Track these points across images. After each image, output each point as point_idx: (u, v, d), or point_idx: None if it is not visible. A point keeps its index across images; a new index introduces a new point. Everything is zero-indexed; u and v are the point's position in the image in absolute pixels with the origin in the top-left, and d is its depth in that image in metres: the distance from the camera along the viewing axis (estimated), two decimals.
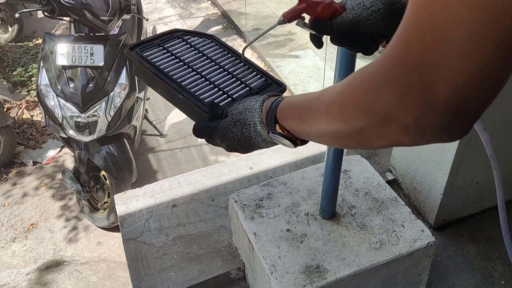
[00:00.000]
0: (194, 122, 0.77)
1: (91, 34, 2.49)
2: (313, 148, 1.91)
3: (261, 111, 0.66)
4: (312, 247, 1.21)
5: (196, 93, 0.78)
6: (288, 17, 0.77)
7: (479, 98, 0.37)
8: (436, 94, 0.36)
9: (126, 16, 2.64)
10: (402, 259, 1.20)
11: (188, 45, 0.89)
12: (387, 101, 0.40)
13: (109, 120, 2.47)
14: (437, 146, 1.47)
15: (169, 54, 0.85)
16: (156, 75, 0.79)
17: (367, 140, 0.47)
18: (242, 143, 0.69)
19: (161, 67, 0.81)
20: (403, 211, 1.30)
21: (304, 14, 0.77)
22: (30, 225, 2.93)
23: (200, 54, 0.88)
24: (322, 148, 1.88)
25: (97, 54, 2.42)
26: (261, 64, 4.42)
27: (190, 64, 0.84)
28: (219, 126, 0.71)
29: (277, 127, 0.63)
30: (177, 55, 0.86)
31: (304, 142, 0.64)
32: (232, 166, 1.87)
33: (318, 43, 0.79)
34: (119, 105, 2.49)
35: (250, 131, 0.67)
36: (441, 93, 0.36)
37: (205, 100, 0.77)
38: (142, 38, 3.10)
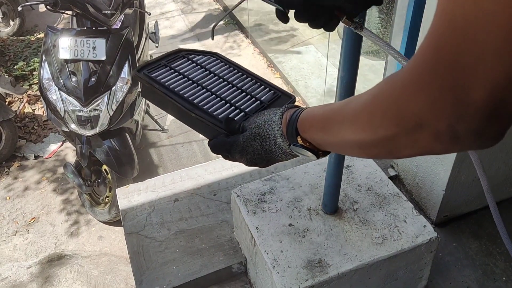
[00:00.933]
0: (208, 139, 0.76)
1: (94, 28, 2.48)
2: None
3: (281, 123, 0.65)
4: (314, 242, 1.22)
5: (208, 110, 0.78)
6: None
7: None
8: (471, 97, 0.35)
9: (128, 11, 2.63)
10: (404, 255, 1.20)
11: (194, 64, 0.90)
12: (419, 107, 0.39)
13: (111, 115, 2.47)
14: None
15: (177, 73, 0.85)
16: (166, 95, 0.78)
17: (396, 149, 0.46)
18: (262, 157, 0.68)
19: (170, 86, 0.81)
20: (405, 207, 1.30)
21: None
22: (32, 218, 2.93)
23: (207, 72, 0.88)
24: None
25: (99, 48, 2.41)
26: (262, 60, 4.41)
27: (199, 82, 0.84)
28: (238, 141, 0.70)
29: (299, 139, 0.62)
30: (185, 74, 0.86)
31: (326, 153, 0.64)
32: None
33: (284, 18, 0.78)
34: (121, 99, 2.49)
35: (270, 144, 0.66)
36: (476, 96, 0.35)
37: (219, 116, 0.77)
38: (144, 33, 3.09)
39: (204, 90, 0.83)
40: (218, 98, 0.82)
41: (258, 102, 0.84)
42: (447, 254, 1.53)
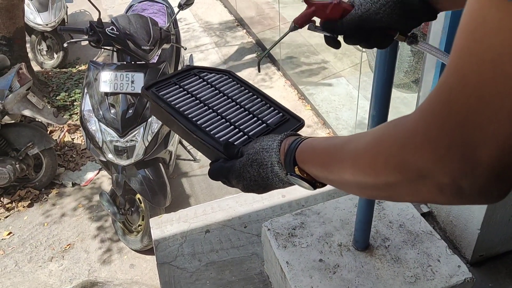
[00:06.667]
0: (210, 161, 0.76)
1: (133, 62, 2.60)
2: None
3: (279, 151, 0.63)
4: (345, 279, 1.21)
5: (211, 132, 0.77)
6: (299, 23, 0.77)
7: None
8: (479, 156, 0.35)
9: (165, 46, 2.75)
10: None
11: (205, 83, 0.89)
12: (424, 160, 0.39)
13: (146, 145, 2.55)
14: None
15: (185, 92, 0.85)
16: (170, 114, 0.79)
17: (397, 195, 0.46)
18: (259, 184, 0.67)
19: (176, 106, 0.81)
20: (439, 245, 1.28)
21: (315, 18, 0.77)
22: (67, 245, 3.01)
23: (217, 91, 0.87)
24: None
25: (137, 82, 2.52)
26: (293, 92, 4.47)
27: (206, 102, 0.84)
28: (234, 166, 0.69)
29: (296, 170, 0.60)
30: (193, 93, 0.85)
31: (324, 184, 0.62)
32: (265, 193, 1.89)
33: (335, 44, 0.78)
34: (156, 130, 2.57)
35: (267, 171, 0.65)
36: (484, 155, 0.35)
37: (221, 139, 0.76)
38: (179, 66, 3.21)
39: (210, 110, 0.82)
40: (223, 120, 0.81)
41: (264, 125, 0.82)
42: None
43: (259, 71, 1.14)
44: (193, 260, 1.63)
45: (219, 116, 0.81)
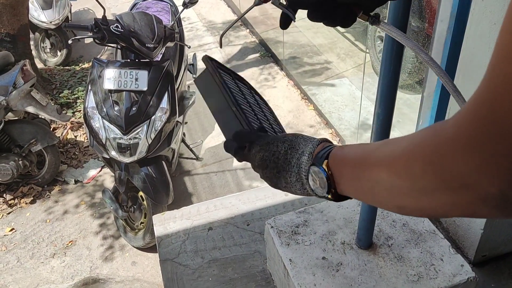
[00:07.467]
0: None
1: (137, 60, 2.61)
2: None
3: (316, 146, 0.61)
4: (348, 277, 1.21)
5: (246, 115, 0.79)
6: None
7: None
8: None
9: (169, 44, 2.75)
10: None
11: (240, 84, 0.93)
12: (469, 168, 0.36)
13: (149, 143, 2.55)
14: None
15: (232, 78, 0.89)
16: (221, 84, 0.81)
17: (431, 206, 0.43)
18: (277, 164, 0.64)
19: (226, 82, 0.84)
20: (442, 245, 1.28)
21: None
22: (69, 242, 3.02)
23: (252, 95, 0.91)
24: None
25: (141, 79, 2.53)
26: (296, 92, 4.47)
27: (246, 97, 0.87)
28: (266, 137, 0.68)
29: (325, 164, 0.57)
30: (237, 83, 0.90)
31: (338, 197, 0.58)
32: (268, 191, 1.89)
33: (287, 23, 0.75)
34: (159, 128, 2.57)
35: (294, 156, 0.62)
36: None
37: (255, 127, 0.78)
38: (183, 65, 3.22)
39: (248, 104, 0.85)
40: (256, 117, 0.83)
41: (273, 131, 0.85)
42: None
43: (220, 46, 1.11)
44: (196, 257, 1.63)
45: (254, 112, 0.84)
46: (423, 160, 0.41)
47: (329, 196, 0.58)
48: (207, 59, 0.86)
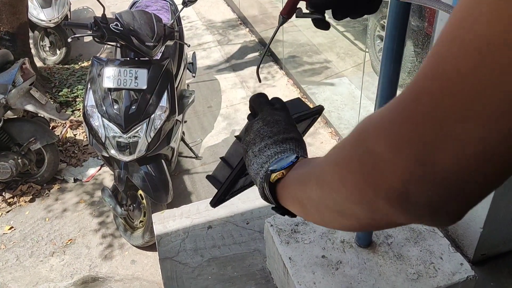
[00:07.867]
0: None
1: (136, 58, 2.60)
2: None
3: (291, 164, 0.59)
4: (347, 275, 1.21)
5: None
6: (286, 13, 0.75)
7: (491, 172, 0.29)
8: (436, 158, 0.29)
9: (169, 42, 2.75)
10: None
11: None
12: (381, 149, 0.33)
13: (149, 141, 2.55)
14: None
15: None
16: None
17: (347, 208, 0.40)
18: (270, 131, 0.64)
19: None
20: (442, 243, 1.28)
21: (299, 5, 0.75)
22: (68, 240, 3.02)
23: None
24: None
25: (141, 78, 2.52)
26: (296, 91, 4.47)
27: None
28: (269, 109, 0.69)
29: (274, 174, 0.58)
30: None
31: (278, 208, 0.60)
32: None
33: (324, 25, 0.75)
34: (159, 127, 2.57)
35: (263, 157, 0.63)
36: (442, 157, 0.29)
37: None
38: (182, 63, 3.21)
39: None
40: None
41: None
42: None
43: (259, 81, 1.03)
44: (195, 256, 1.63)
45: None
46: (344, 147, 0.40)
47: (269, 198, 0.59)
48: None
